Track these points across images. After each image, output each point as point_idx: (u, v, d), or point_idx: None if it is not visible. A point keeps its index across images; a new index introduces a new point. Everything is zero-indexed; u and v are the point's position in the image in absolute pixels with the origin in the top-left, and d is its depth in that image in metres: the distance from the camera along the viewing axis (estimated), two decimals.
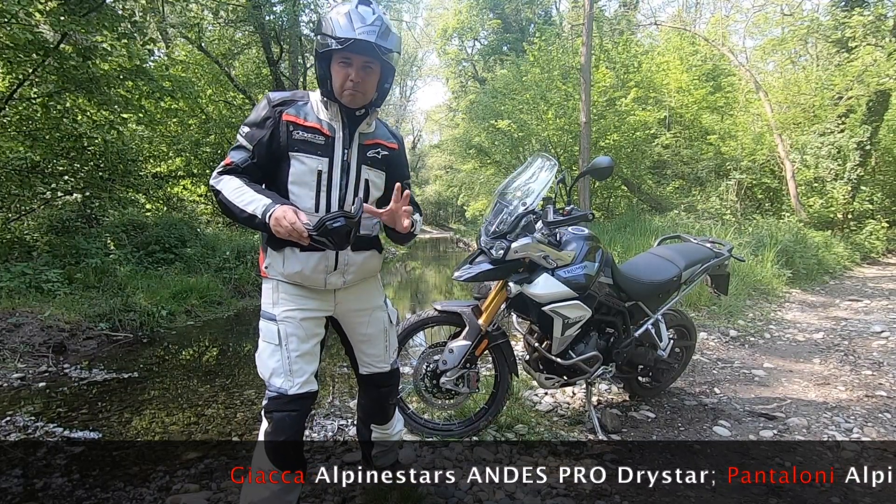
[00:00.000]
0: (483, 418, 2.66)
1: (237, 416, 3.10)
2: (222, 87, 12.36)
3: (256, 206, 1.50)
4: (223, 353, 4.74)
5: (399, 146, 1.81)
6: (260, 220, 1.48)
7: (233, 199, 1.53)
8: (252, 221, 1.51)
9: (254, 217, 1.49)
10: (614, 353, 2.76)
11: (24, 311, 4.52)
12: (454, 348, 2.48)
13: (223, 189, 1.56)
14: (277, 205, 1.48)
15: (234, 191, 1.54)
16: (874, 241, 11.70)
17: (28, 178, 6.65)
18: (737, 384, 3.63)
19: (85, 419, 3.03)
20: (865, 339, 4.77)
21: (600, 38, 14.64)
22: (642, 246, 6.93)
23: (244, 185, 1.55)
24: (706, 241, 3.30)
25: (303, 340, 1.65)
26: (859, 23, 10.70)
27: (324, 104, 1.63)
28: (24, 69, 6.09)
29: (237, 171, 1.60)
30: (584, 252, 2.52)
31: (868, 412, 3.11)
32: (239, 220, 1.54)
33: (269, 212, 1.47)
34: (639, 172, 13.23)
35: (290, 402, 1.60)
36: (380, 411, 1.99)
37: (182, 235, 7.79)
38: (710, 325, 5.10)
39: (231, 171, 1.60)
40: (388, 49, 1.53)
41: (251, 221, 1.51)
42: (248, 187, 1.55)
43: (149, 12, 8.34)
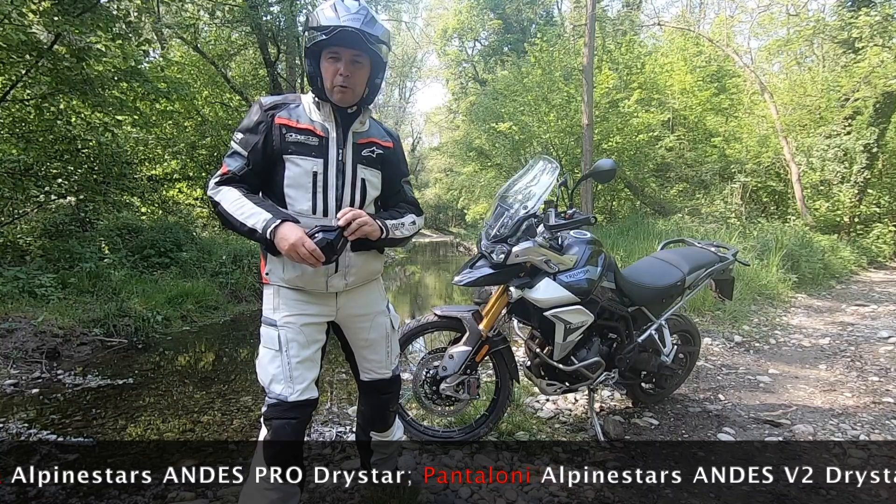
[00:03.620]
0: (484, 425, 2.64)
1: (234, 423, 3.08)
2: (218, 89, 12.33)
3: (256, 220, 1.50)
4: (219, 358, 4.73)
5: (395, 144, 1.80)
6: (260, 234, 1.49)
7: (232, 211, 1.54)
8: (253, 236, 1.52)
9: (254, 231, 1.51)
10: (617, 358, 2.73)
11: (17, 316, 4.48)
12: (454, 354, 2.46)
13: (222, 201, 1.56)
14: (278, 220, 1.49)
15: (233, 203, 1.54)
16: (881, 245, 11.63)
17: (21, 180, 6.58)
18: (741, 390, 3.61)
19: (79, 426, 3.02)
20: (872, 345, 4.73)
21: (603, 39, 14.68)
22: (645, 250, 6.94)
23: (242, 197, 1.55)
24: (710, 245, 3.28)
25: (303, 346, 1.64)
26: (866, 23, 10.61)
27: (316, 104, 1.63)
28: (17, 70, 6.04)
29: (235, 181, 1.60)
30: (587, 256, 2.50)
31: (875, 419, 3.09)
32: (239, 232, 1.55)
33: (269, 227, 1.48)
34: (642, 175, 13.23)
35: (290, 409, 1.59)
36: (380, 418, 1.98)
37: (178, 239, 7.72)
38: (715, 331, 5.06)
39: (228, 180, 1.60)
40: (374, 37, 1.54)
41: (252, 236, 1.52)
42: (246, 199, 1.55)
43: (144, 12, 8.27)
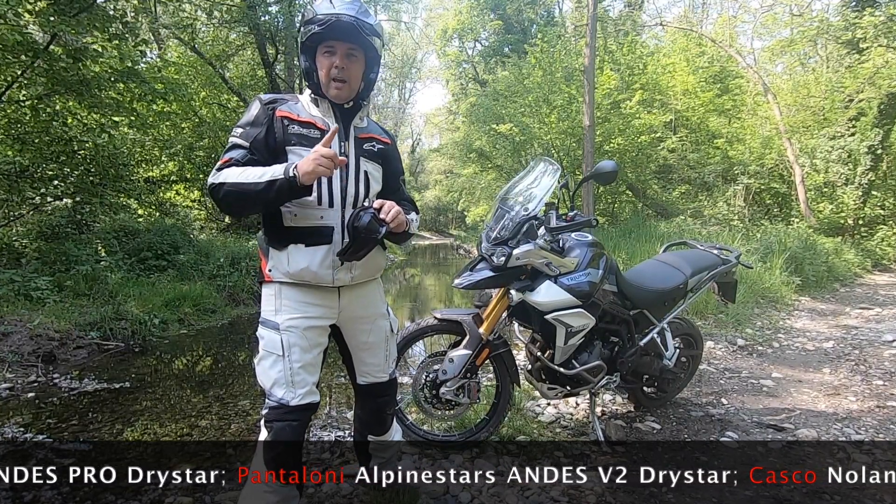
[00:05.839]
0: (484, 429, 2.62)
1: (231, 427, 3.06)
2: (216, 90, 12.33)
3: (274, 171, 1.46)
4: (217, 362, 4.71)
5: (392, 142, 1.84)
6: (283, 179, 1.43)
7: (242, 179, 1.48)
8: (271, 188, 1.45)
9: (273, 182, 1.44)
10: (619, 362, 2.71)
11: (13, 319, 4.45)
12: (454, 358, 2.45)
13: (227, 179, 1.50)
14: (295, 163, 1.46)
15: (241, 173, 1.49)
16: (886, 248, 11.52)
17: (17, 182, 6.57)
18: (744, 394, 3.59)
19: (75, 430, 3.00)
20: (877, 349, 4.70)
21: (604, 39, 14.66)
22: (647, 252, 6.91)
23: (248, 167, 1.51)
24: (713, 247, 3.27)
25: (305, 351, 1.63)
26: (870, 23, 10.54)
27: (314, 101, 1.64)
28: (13, 71, 6.02)
29: (237, 166, 1.55)
30: (588, 259, 2.48)
31: (879, 422, 3.07)
32: (254, 196, 1.48)
33: (289, 168, 1.44)
34: (644, 177, 13.20)
35: (291, 413, 1.58)
36: (377, 422, 1.97)
37: (175, 241, 7.68)
38: (717, 334, 5.04)
39: (230, 166, 1.56)
40: (369, 26, 1.55)
41: (270, 189, 1.45)
42: (252, 167, 1.51)
43: (141, 12, 8.28)
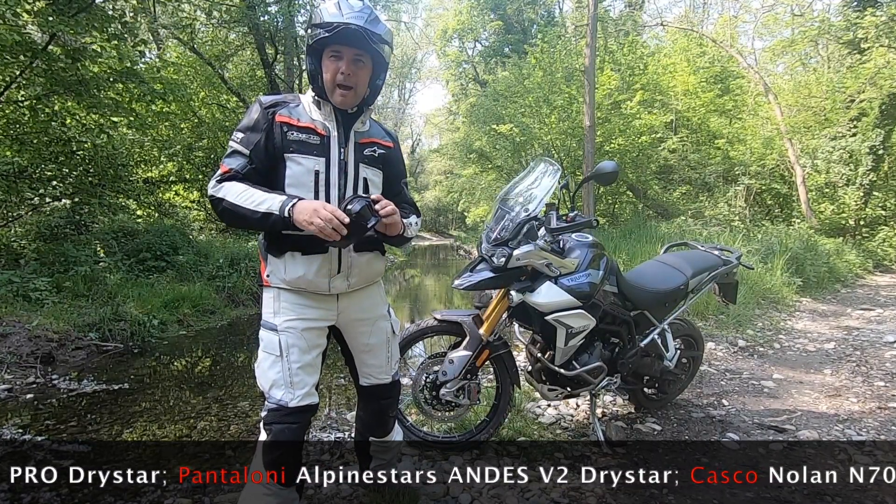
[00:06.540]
0: (484, 431, 2.62)
1: (230, 429, 3.06)
2: (215, 90, 12.29)
3: (271, 203, 1.45)
4: (216, 363, 4.71)
5: (394, 145, 1.80)
6: (277, 216, 1.44)
7: (240, 202, 1.48)
8: (266, 220, 1.46)
9: (269, 215, 1.45)
10: (619, 363, 2.70)
11: (12, 320, 4.46)
12: (454, 359, 2.44)
13: (227, 195, 1.50)
14: (295, 199, 1.45)
15: (241, 194, 1.49)
16: (887, 249, 11.50)
17: (15, 183, 6.57)
18: (745, 396, 3.58)
19: (74, 432, 3.01)
20: (878, 350, 4.69)
21: (605, 40, 14.65)
22: (648, 253, 6.90)
23: (250, 188, 1.50)
24: (714, 248, 3.26)
25: (304, 352, 1.62)
26: (872, 23, 10.56)
27: (316, 104, 1.61)
28: (12, 71, 6.02)
29: (238, 178, 1.55)
30: (588, 260, 2.47)
31: (881, 424, 3.06)
32: (250, 222, 1.50)
33: (286, 206, 1.43)
34: (645, 177, 13.18)
35: (290, 415, 1.57)
36: (379, 424, 1.97)
37: (174, 242, 7.68)
38: (718, 335, 5.03)
39: (231, 178, 1.55)
40: (377, 35, 1.52)
41: (265, 220, 1.46)
42: (254, 188, 1.50)
43: (140, 13, 8.29)
